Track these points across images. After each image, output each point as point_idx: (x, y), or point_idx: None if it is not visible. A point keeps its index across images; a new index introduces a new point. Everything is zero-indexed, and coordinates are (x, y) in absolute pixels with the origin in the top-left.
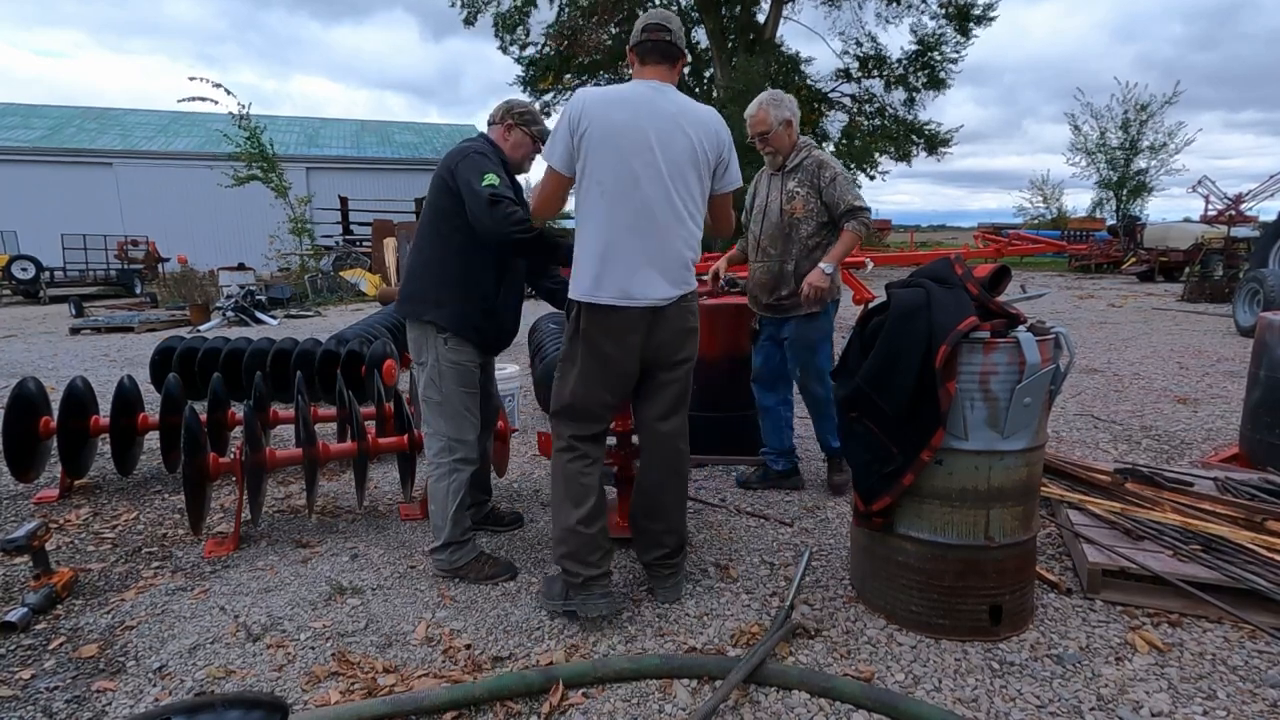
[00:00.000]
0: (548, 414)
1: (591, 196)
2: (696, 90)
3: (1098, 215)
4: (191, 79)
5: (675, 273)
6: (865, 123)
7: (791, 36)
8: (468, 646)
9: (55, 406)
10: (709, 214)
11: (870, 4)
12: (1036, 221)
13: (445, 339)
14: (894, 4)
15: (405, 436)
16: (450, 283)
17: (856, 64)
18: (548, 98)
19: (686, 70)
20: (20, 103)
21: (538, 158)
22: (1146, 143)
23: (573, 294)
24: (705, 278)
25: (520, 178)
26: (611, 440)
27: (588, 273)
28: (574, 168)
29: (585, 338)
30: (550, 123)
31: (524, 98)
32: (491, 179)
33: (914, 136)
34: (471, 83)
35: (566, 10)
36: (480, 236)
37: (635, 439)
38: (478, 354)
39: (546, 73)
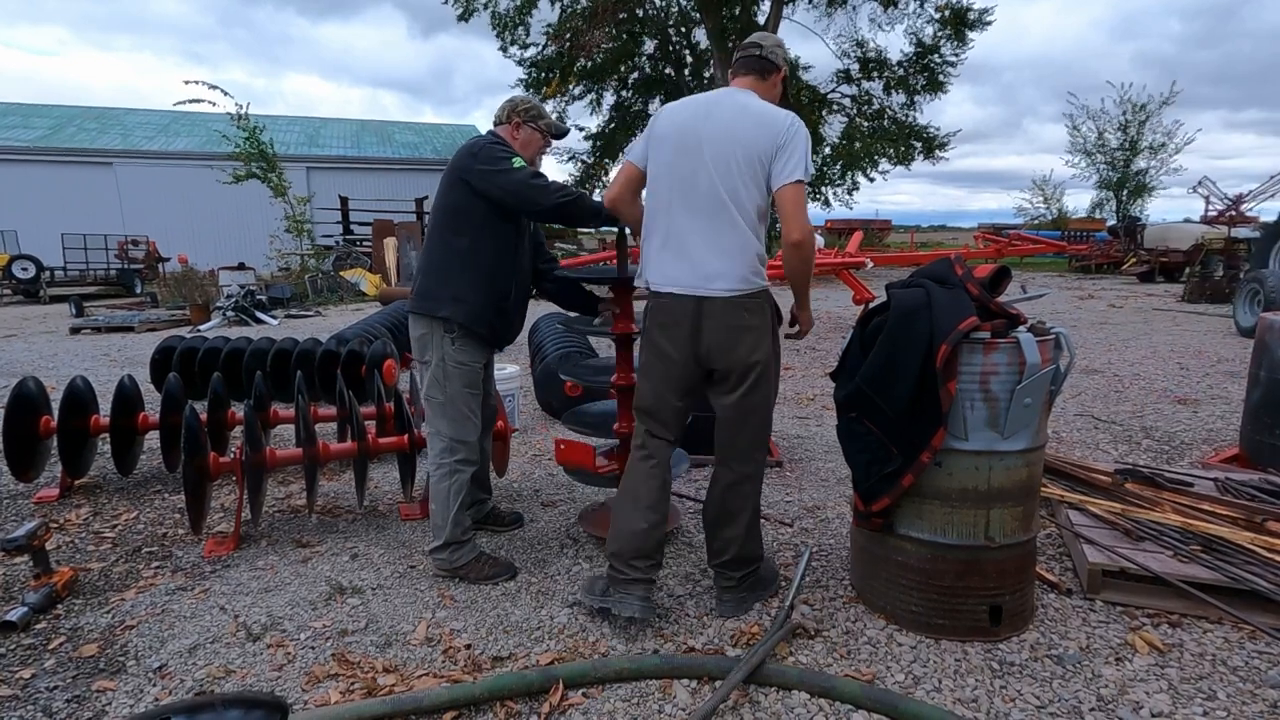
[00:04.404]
0: (548, 415)
1: (650, 188)
2: (697, 90)
3: (1098, 216)
4: (188, 82)
5: (725, 268)
6: (865, 124)
7: (792, 38)
8: (468, 646)
9: (55, 406)
10: (778, 213)
11: (864, 9)
12: (1037, 222)
13: (452, 338)
14: (890, 8)
15: (405, 436)
16: (469, 279)
17: (857, 65)
18: (552, 103)
19: (686, 71)
20: (19, 102)
21: (546, 155)
22: (1146, 143)
23: (637, 282)
24: None
25: None
26: (614, 442)
27: (644, 261)
28: (645, 161)
29: (646, 328)
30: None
31: (527, 95)
32: (519, 160)
33: (913, 139)
34: (464, 80)
35: (568, 10)
36: (525, 212)
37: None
38: (483, 354)
39: (549, 75)
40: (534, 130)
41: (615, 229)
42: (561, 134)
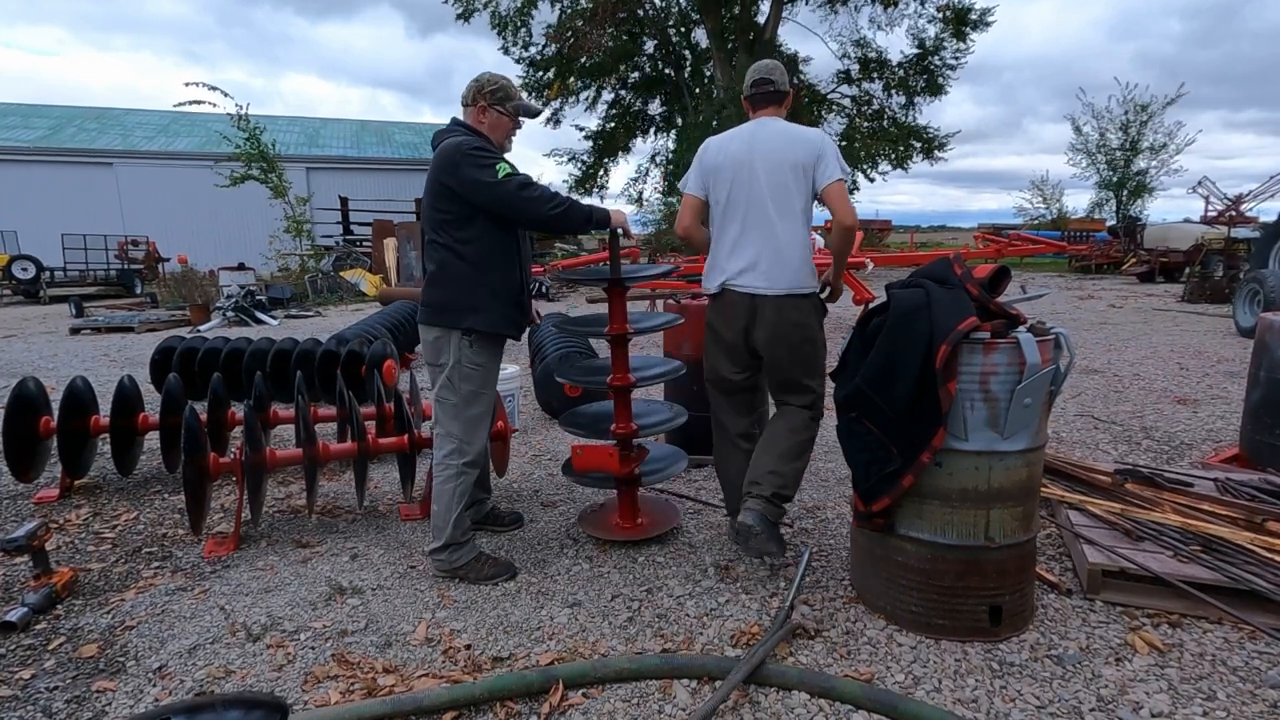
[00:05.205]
0: (548, 415)
1: (713, 210)
2: (697, 90)
3: (1097, 216)
4: (188, 84)
5: (777, 271)
6: (864, 125)
7: (792, 37)
8: (468, 646)
9: (55, 406)
10: (828, 208)
11: (866, 9)
12: (1036, 222)
13: (470, 341)
14: (890, 8)
15: (405, 437)
16: (486, 286)
17: (857, 66)
18: (555, 105)
19: (686, 71)
20: (19, 102)
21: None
22: (1146, 143)
23: (702, 287)
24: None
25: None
26: (611, 441)
27: (708, 269)
28: (704, 191)
29: (708, 320)
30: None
31: (495, 73)
32: (504, 167)
33: (912, 140)
34: (463, 80)
35: (568, 10)
36: (518, 224)
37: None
38: (499, 353)
39: (550, 76)
40: (501, 113)
41: (607, 232)
42: (532, 114)
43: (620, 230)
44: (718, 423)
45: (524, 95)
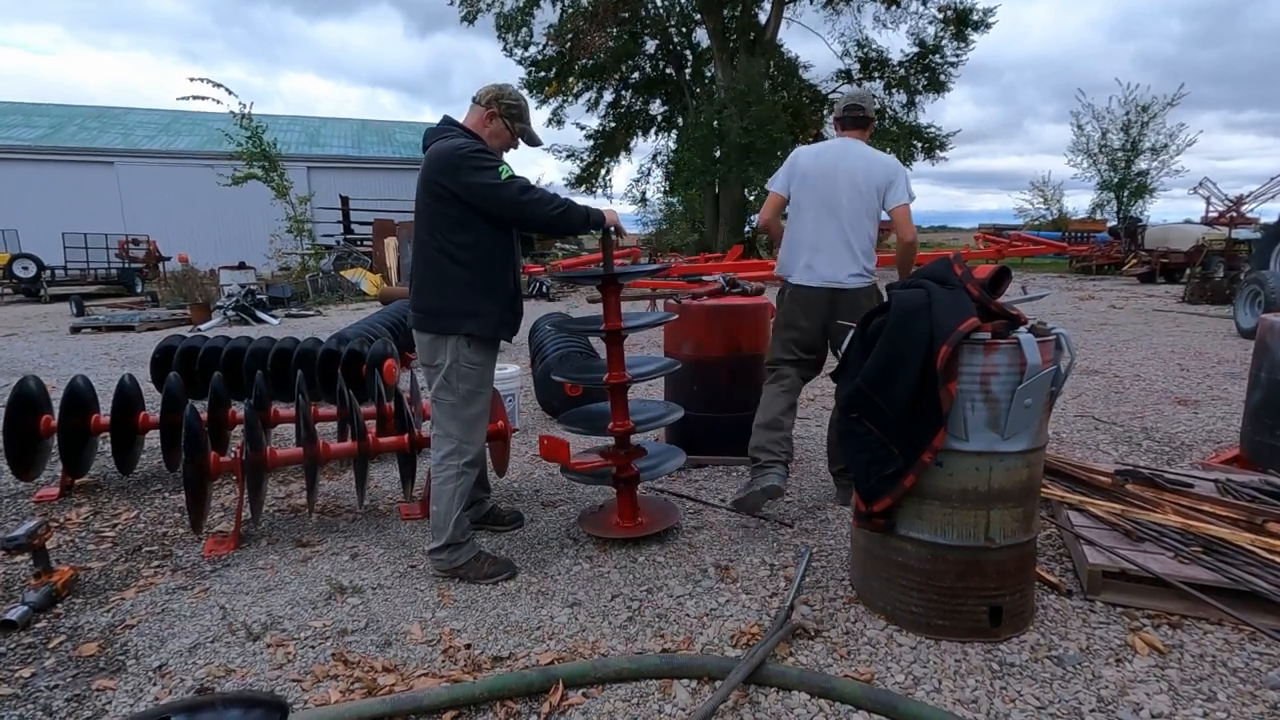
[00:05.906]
0: (548, 414)
1: (795, 210)
2: (698, 90)
3: (1098, 216)
4: (192, 79)
5: (850, 266)
6: None
7: (793, 37)
8: (468, 646)
9: (56, 405)
10: (894, 225)
11: (869, 8)
12: (1037, 223)
13: (468, 341)
14: (893, 7)
15: (406, 436)
16: (482, 293)
17: (858, 65)
18: (554, 103)
19: (687, 71)
20: (21, 101)
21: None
22: (1148, 144)
23: (778, 273)
24: (714, 278)
25: None
26: (610, 441)
27: (787, 260)
28: (788, 191)
29: (782, 302)
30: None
31: (518, 91)
32: (506, 169)
33: (914, 140)
34: (462, 80)
35: (569, 11)
36: (519, 226)
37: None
38: (495, 351)
39: (550, 75)
40: (506, 128)
41: (602, 231)
42: (532, 143)
43: (613, 229)
44: (785, 388)
45: (534, 125)
